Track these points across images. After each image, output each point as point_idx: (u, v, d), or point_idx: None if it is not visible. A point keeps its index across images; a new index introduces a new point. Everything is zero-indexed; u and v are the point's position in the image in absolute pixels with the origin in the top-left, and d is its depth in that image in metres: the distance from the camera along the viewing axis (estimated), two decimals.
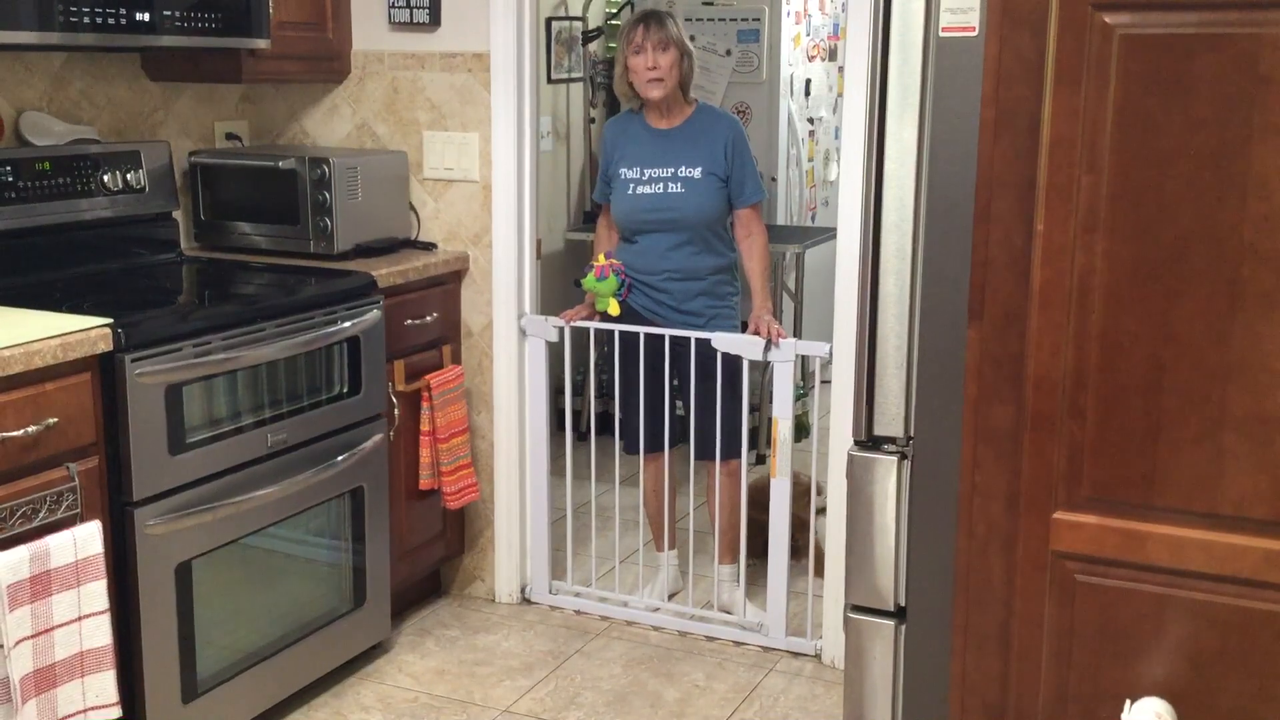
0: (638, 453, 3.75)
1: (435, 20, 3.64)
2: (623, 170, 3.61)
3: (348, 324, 3.17)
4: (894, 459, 2.04)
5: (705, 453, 3.67)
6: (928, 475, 2.00)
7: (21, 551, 2.38)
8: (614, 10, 5.61)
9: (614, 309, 3.60)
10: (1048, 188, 1.76)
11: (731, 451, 3.65)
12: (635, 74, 3.53)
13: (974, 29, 1.84)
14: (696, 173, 3.53)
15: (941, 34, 1.87)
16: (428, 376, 3.51)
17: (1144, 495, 1.79)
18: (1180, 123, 1.69)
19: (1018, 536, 1.86)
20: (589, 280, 3.60)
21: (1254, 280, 1.68)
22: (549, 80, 5.20)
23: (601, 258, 3.63)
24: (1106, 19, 1.70)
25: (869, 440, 2.07)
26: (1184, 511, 1.77)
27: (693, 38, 3.67)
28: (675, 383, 3.69)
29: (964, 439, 1.88)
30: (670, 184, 3.55)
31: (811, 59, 5.75)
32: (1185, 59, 1.67)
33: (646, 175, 3.56)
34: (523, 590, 3.87)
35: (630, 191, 3.59)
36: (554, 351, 3.75)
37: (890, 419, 2.04)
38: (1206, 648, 1.79)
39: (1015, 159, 1.77)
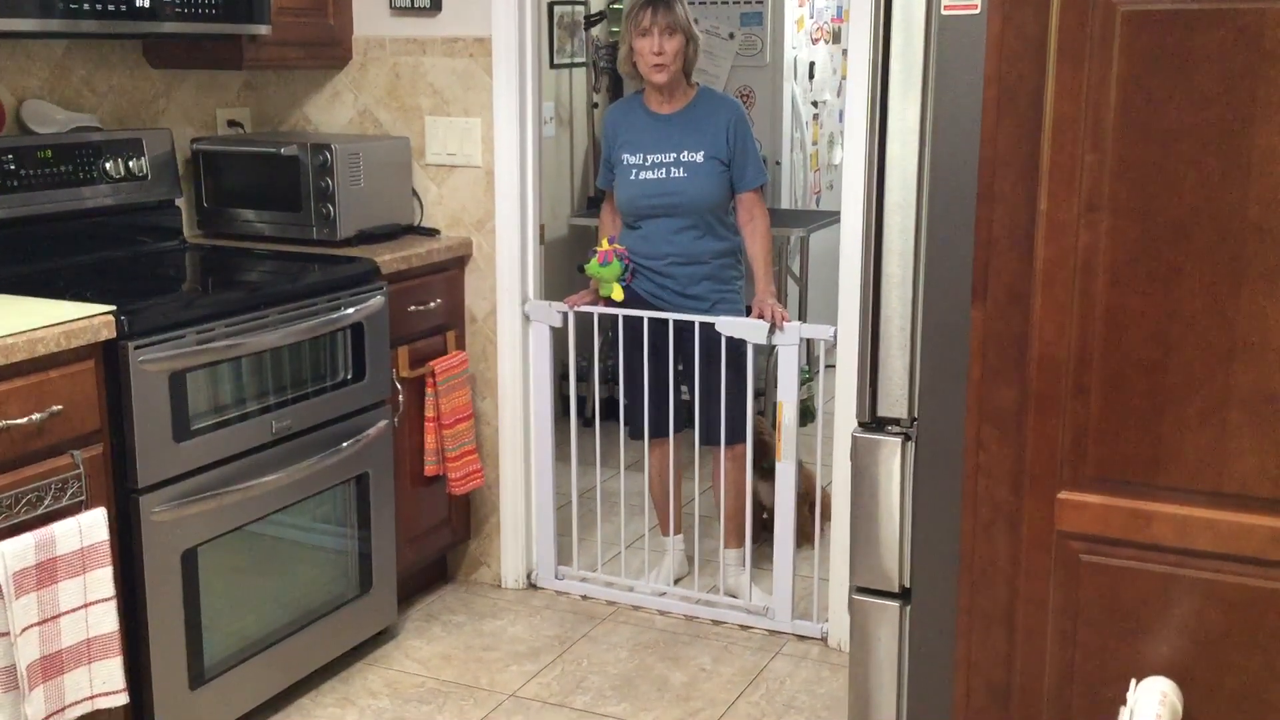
0: (643, 438, 3.75)
1: (436, 5, 3.63)
2: (625, 156, 3.60)
3: (351, 310, 3.17)
4: (898, 440, 2.03)
5: (710, 438, 3.67)
6: (932, 456, 1.99)
7: (27, 539, 2.38)
8: None
9: (618, 294, 3.60)
10: (1051, 166, 1.75)
11: (736, 436, 3.64)
12: (640, 57, 3.52)
13: (976, 7, 1.82)
14: (699, 157, 3.52)
15: (944, 12, 1.86)
16: (432, 362, 3.51)
17: (1149, 474, 1.78)
18: (1184, 100, 1.68)
19: (1022, 517, 1.86)
20: (592, 266, 3.60)
21: (1258, 258, 1.67)
22: (551, 65, 5.18)
23: (605, 243, 3.63)
24: None
25: (873, 422, 2.06)
26: (1189, 490, 1.77)
27: (696, 21, 3.65)
28: (680, 368, 3.68)
29: (968, 419, 1.87)
30: (673, 169, 3.54)
31: (815, 42, 5.73)
32: (1189, 35, 1.66)
33: (649, 161, 3.56)
34: (529, 576, 3.88)
35: (633, 177, 3.58)
36: (558, 337, 3.75)
37: (894, 400, 2.03)
38: (1212, 627, 1.78)
39: (1018, 138, 1.76)
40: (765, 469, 3.74)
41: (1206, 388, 1.73)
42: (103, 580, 2.51)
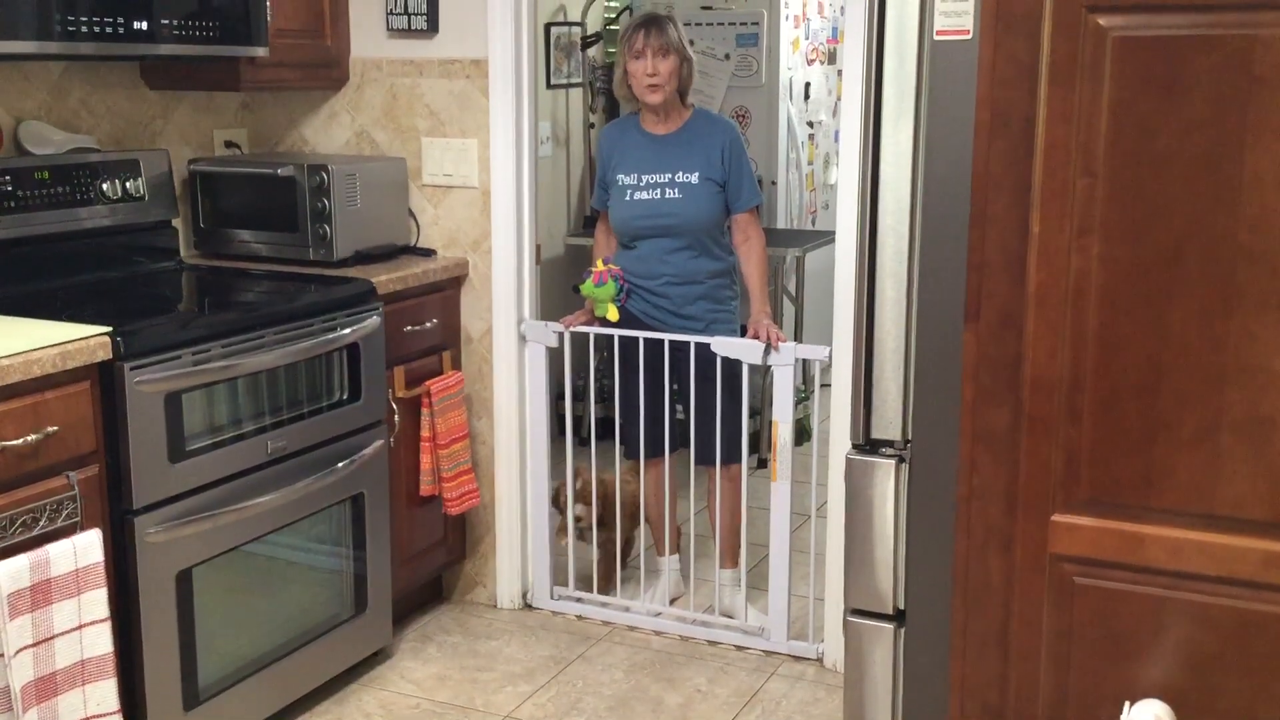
0: (638, 458, 3.75)
1: (433, 27, 3.65)
2: (620, 176, 3.61)
3: (347, 331, 3.17)
4: (892, 462, 2.04)
5: (706, 457, 3.67)
6: (926, 478, 2.00)
7: (22, 560, 2.38)
8: (613, 15, 5.62)
9: (613, 314, 3.60)
10: (1043, 190, 1.76)
11: (732, 456, 3.65)
12: (635, 79, 3.54)
13: (968, 32, 1.84)
14: (694, 178, 3.54)
15: (936, 37, 1.87)
16: (428, 383, 3.51)
17: (1142, 497, 1.79)
18: (1175, 124, 1.69)
19: (1016, 539, 1.87)
20: (587, 286, 3.61)
21: (1249, 281, 1.68)
22: (548, 86, 5.20)
23: (600, 263, 3.64)
24: (1100, 21, 1.70)
25: (867, 444, 2.07)
26: (1182, 513, 1.77)
27: (692, 42, 3.67)
28: (675, 387, 3.69)
29: (961, 442, 1.88)
30: (668, 190, 3.55)
31: (811, 62, 5.76)
32: (1179, 61, 1.68)
33: (644, 181, 3.57)
34: (524, 596, 3.87)
35: (628, 198, 3.59)
36: (554, 357, 3.75)
37: (888, 422, 2.04)
38: (1205, 649, 1.79)
39: (1010, 162, 1.78)
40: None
41: (1198, 411, 1.73)
42: (97, 602, 2.50)
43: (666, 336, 3.58)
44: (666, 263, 3.58)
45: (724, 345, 3.52)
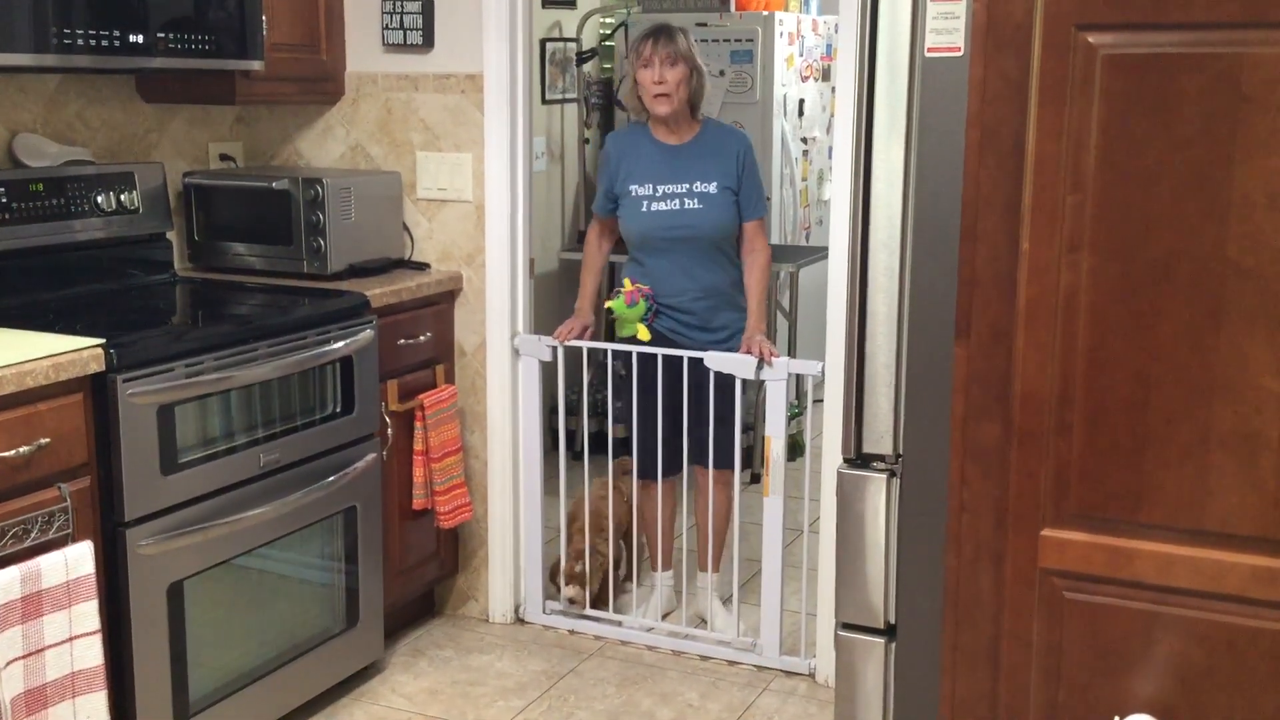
0: (654, 479, 3.72)
1: (429, 42, 3.66)
2: (633, 187, 3.57)
3: (341, 344, 3.18)
4: (883, 477, 2.04)
5: (698, 457, 3.66)
6: (917, 493, 2.01)
7: (13, 572, 2.38)
8: (608, 31, 5.64)
9: (644, 334, 3.57)
10: (1033, 207, 1.77)
11: (724, 461, 3.63)
12: (643, 88, 3.53)
13: (959, 49, 1.85)
14: (712, 188, 3.52)
15: (927, 54, 1.88)
16: (421, 396, 3.52)
17: (1131, 512, 1.79)
18: (1163, 141, 1.70)
19: (1006, 554, 1.87)
20: (619, 305, 3.56)
21: (1238, 297, 1.69)
22: (543, 101, 5.22)
23: (628, 283, 3.60)
24: (1090, 39, 1.71)
25: (858, 458, 2.08)
26: (1171, 528, 1.78)
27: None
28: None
29: (952, 456, 1.88)
30: (687, 200, 3.53)
31: (805, 79, 5.77)
32: (1168, 78, 1.69)
33: (660, 192, 3.54)
34: (516, 610, 3.87)
35: (644, 209, 3.56)
36: (547, 371, 3.76)
37: (879, 437, 2.05)
38: (1195, 664, 1.79)
39: (1000, 178, 1.79)
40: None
41: (1187, 426, 1.74)
42: (88, 614, 2.50)
43: (660, 351, 3.56)
44: (692, 277, 3.56)
45: (717, 360, 3.52)
